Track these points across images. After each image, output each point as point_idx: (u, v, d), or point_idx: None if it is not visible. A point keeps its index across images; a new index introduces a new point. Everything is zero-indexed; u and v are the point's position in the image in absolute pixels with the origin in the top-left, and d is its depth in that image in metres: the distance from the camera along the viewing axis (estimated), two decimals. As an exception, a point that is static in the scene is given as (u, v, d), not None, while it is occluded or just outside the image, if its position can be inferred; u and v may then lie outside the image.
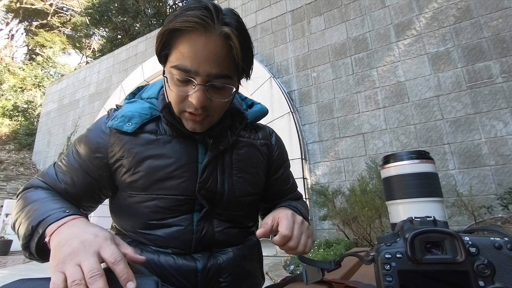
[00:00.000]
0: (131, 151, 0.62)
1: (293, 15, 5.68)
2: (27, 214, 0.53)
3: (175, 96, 0.57)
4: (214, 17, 0.52)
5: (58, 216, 0.49)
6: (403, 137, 4.17)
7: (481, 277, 0.31)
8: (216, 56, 0.54)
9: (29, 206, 0.55)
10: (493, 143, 3.59)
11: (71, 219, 0.49)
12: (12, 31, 20.57)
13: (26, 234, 0.49)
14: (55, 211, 0.51)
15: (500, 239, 0.32)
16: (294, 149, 4.70)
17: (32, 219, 0.50)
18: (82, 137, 0.67)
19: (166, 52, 0.57)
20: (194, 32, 0.53)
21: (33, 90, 16.15)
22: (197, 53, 0.53)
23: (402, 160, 0.44)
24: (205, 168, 0.63)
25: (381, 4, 4.78)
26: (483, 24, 3.95)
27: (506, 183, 3.37)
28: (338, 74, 4.93)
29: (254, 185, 0.71)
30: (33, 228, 0.49)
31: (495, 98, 3.69)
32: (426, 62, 4.22)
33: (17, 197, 0.63)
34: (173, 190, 0.62)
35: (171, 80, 0.57)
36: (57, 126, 9.58)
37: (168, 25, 0.54)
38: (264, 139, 0.75)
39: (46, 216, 0.49)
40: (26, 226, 0.50)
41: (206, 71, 0.54)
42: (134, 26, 13.22)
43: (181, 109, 0.58)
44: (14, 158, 9.84)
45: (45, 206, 0.53)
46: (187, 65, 0.54)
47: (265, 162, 0.74)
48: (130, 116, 0.63)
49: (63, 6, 19.68)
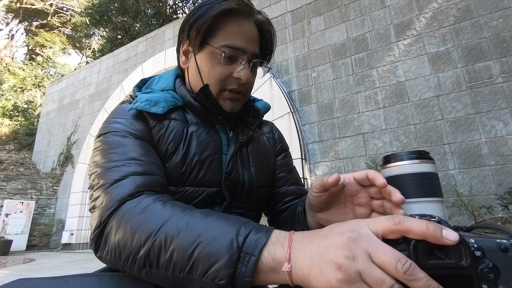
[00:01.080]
0: (165, 137, 0.59)
1: (293, 15, 5.68)
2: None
3: (220, 75, 0.61)
4: (251, 5, 0.61)
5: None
6: (403, 137, 4.17)
7: (485, 280, 0.29)
8: (256, 38, 0.63)
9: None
10: (493, 143, 3.59)
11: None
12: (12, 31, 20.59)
13: (233, 260, 0.34)
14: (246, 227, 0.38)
15: (507, 241, 0.30)
16: (294, 149, 4.70)
17: (228, 238, 0.36)
18: (115, 128, 0.56)
19: (207, 37, 0.60)
20: (240, 15, 0.60)
21: (33, 90, 16.15)
22: (245, 33, 0.60)
23: (402, 160, 0.44)
24: (230, 158, 0.64)
25: (381, 4, 4.78)
26: (483, 24, 3.95)
27: (506, 183, 3.37)
28: (338, 74, 4.93)
29: (267, 176, 0.73)
30: (239, 249, 0.35)
31: (495, 98, 3.69)
32: (426, 62, 4.22)
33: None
34: (200, 182, 0.60)
35: (215, 60, 0.60)
36: (57, 126, 9.58)
37: (209, 12, 0.58)
38: (269, 132, 0.80)
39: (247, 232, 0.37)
40: (218, 247, 0.36)
41: (251, 50, 0.61)
42: (134, 26, 13.21)
43: (222, 87, 0.62)
44: (14, 158, 9.84)
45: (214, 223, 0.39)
46: (237, 43, 0.59)
47: (273, 154, 0.78)
48: (155, 101, 0.60)
49: (63, 6, 19.69)
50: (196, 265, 0.36)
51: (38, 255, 6.62)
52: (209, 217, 0.40)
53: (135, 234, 0.39)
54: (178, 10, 14.22)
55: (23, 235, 7.32)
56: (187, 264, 0.36)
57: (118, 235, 0.41)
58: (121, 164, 0.49)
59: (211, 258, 0.35)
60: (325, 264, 0.30)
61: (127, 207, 0.43)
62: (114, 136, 0.54)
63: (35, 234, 7.68)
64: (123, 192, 0.45)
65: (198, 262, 0.36)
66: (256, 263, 0.34)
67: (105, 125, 0.58)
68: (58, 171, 8.75)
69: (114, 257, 0.41)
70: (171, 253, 0.37)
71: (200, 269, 0.35)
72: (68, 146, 8.78)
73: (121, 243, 0.40)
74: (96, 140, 0.57)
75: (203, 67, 0.62)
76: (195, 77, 0.64)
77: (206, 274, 0.35)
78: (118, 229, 0.41)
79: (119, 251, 0.40)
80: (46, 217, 8.18)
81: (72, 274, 0.48)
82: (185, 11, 14.17)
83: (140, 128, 0.57)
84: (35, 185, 8.25)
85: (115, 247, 0.41)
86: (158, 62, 7.46)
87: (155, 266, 0.38)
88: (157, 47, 7.86)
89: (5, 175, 7.91)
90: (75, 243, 7.36)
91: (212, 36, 0.60)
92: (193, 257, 0.36)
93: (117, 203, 0.44)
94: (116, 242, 0.41)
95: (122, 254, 0.40)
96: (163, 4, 13.32)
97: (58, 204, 8.45)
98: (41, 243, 7.90)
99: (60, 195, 8.50)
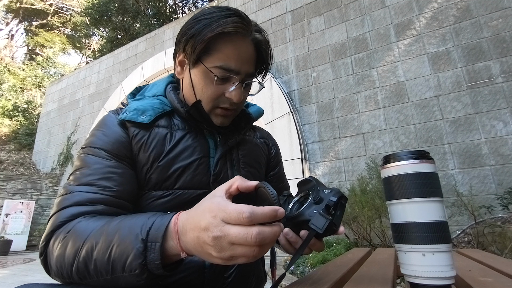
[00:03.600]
0: (147, 145, 0.61)
1: (293, 15, 5.68)
2: (110, 238, 0.43)
3: (212, 94, 0.62)
4: (249, 24, 0.61)
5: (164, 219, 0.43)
6: (403, 137, 4.17)
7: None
8: (251, 58, 0.63)
9: (102, 234, 0.45)
10: (493, 143, 3.59)
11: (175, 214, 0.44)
12: (12, 31, 20.59)
13: (140, 251, 0.41)
14: (153, 218, 0.44)
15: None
16: (294, 149, 4.70)
17: (133, 235, 0.42)
18: (92, 142, 0.60)
19: (202, 55, 0.61)
20: (237, 36, 0.60)
21: (33, 90, 16.14)
22: (240, 55, 0.61)
23: (402, 160, 0.44)
24: (217, 161, 0.66)
25: (381, 4, 4.78)
26: (483, 24, 3.95)
27: (506, 183, 3.37)
28: (338, 74, 4.93)
29: (258, 179, 0.73)
30: (144, 241, 0.41)
31: (495, 98, 3.69)
32: (426, 62, 4.22)
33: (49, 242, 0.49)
34: (188, 184, 0.62)
35: (208, 79, 0.61)
36: (57, 126, 9.58)
37: (206, 30, 0.58)
38: (263, 138, 0.83)
39: (150, 224, 0.42)
40: (126, 245, 0.41)
41: (245, 71, 0.62)
42: (134, 26, 13.21)
43: (215, 105, 0.64)
44: (14, 158, 9.84)
45: (130, 222, 0.45)
46: (231, 65, 0.60)
47: (265, 159, 0.81)
48: (143, 110, 0.63)
49: (63, 6, 19.68)
50: (115, 266, 0.42)
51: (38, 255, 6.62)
52: (123, 221, 0.45)
53: (64, 255, 0.45)
54: (178, 10, 14.22)
55: (23, 235, 7.32)
56: (109, 267, 0.42)
57: (54, 258, 0.47)
58: (73, 191, 0.54)
59: (123, 255, 0.41)
60: (206, 255, 0.38)
61: (58, 233, 0.49)
62: (84, 154, 0.59)
63: (35, 234, 7.68)
64: (56, 223, 0.50)
65: (115, 262, 0.42)
66: (162, 247, 0.40)
67: (88, 136, 0.63)
68: (58, 171, 8.76)
69: (58, 274, 0.47)
70: (94, 262, 0.43)
71: (119, 267, 0.42)
72: (68, 146, 8.79)
73: (58, 264, 0.46)
74: (79, 150, 0.62)
75: (196, 83, 0.63)
76: (189, 90, 0.66)
77: (124, 269, 0.41)
78: (53, 253, 0.47)
79: (58, 271, 0.47)
80: (46, 217, 8.18)
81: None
82: (185, 11, 14.17)
83: (118, 141, 0.60)
84: (35, 185, 8.25)
85: (55, 267, 0.47)
86: (158, 62, 7.45)
87: (88, 276, 0.44)
88: (157, 47, 7.86)
89: (5, 175, 7.91)
90: (75, 243, 7.35)
91: (207, 55, 0.60)
92: (110, 260, 0.42)
93: (48, 236, 0.50)
94: (54, 263, 0.47)
95: (60, 273, 0.47)
96: (163, 4, 13.31)
97: (58, 204, 8.44)
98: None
99: (60, 195, 8.50)
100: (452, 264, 0.40)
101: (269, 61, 0.68)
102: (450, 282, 0.39)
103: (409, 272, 0.41)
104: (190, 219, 0.40)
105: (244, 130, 0.74)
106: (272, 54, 0.68)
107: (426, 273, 0.39)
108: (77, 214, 0.51)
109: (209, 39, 0.58)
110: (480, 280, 0.52)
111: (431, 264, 0.39)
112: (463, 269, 0.62)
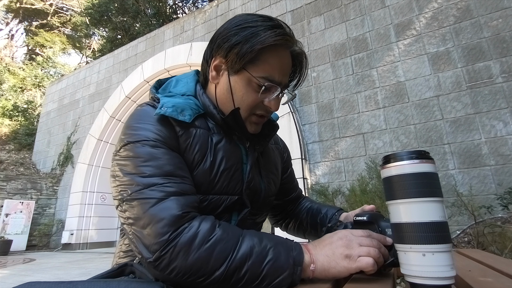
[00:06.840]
0: (192, 146, 0.59)
1: (293, 15, 5.68)
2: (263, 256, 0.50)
3: (253, 101, 0.63)
4: (293, 37, 0.62)
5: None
6: (403, 137, 4.17)
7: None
8: (290, 69, 0.65)
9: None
10: (493, 143, 3.59)
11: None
12: (12, 31, 20.58)
13: (289, 272, 0.49)
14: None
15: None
16: (294, 149, 4.70)
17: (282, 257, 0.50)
18: (146, 136, 0.56)
19: (247, 63, 0.59)
20: (282, 47, 0.60)
21: (33, 90, 16.14)
22: (283, 66, 0.62)
23: (402, 160, 0.44)
24: (251, 168, 0.67)
25: (381, 4, 4.78)
26: (483, 24, 3.95)
27: (506, 183, 3.37)
28: (338, 74, 4.93)
29: (276, 185, 0.79)
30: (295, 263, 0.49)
31: (495, 98, 3.69)
32: (426, 62, 4.22)
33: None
34: (224, 190, 0.62)
35: (251, 87, 0.61)
36: (57, 126, 9.58)
37: (254, 40, 0.57)
38: (276, 143, 0.87)
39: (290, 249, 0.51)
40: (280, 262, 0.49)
41: (285, 82, 0.64)
42: (134, 26, 13.21)
43: (252, 112, 0.64)
44: (14, 158, 9.84)
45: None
46: (275, 77, 0.61)
47: (281, 164, 0.84)
48: (182, 108, 0.60)
49: (63, 6, 19.68)
50: (264, 279, 0.48)
51: (38, 255, 6.62)
52: (263, 239, 0.51)
53: (210, 260, 0.47)
54: (178, 10, 14.21)
55: (23, 235, 7.32)
56: (258, 279, 0.48)
57: (190, 260, 0.47)
58: (160, 183, 0.51)
59: (277, 273, 0.48)
60: (337, 258, 0.50)
61: (188, 234, 0.48)
62: (145, 147, 0.54)
63: (35, 234, 7.68)
64: (172, 214, 0.49)
65: (266, 276, 0.48)
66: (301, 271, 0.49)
67: (131, 131, 0.57)
68: (58, 171, 8.75)
69: (183, 276, 0.48)
70: (245, 272, 0.48)
71: (267, 281, 0.48)
72: (68, 146, 8.78)
73: (195, 267, 0.47)
74: (124, 147, 0.56)
75: (236, 90, 0.62)
76: (226, 97, 0.64)
77: (271, 284, 0.48)
78: (188, 255, 0.47)
79: (190, 272, 0.47)
80: (46, 217, 8.19)
81: (78, 280, 0.50)
82: (185, 11, 14.17)
83: (170, 136, 0.57)
84: (35, 185, 8.25)
85: (186, 269, 0.47)
86: (158, 62, 7.45)
87: (227, 281, 0.48)
88: (157, 47, 7.85)
89: (5, 175, 7.91)
90: (75, 243, 7.35)
91: (253, 64, 0.59)
92: (263, 273, 0.48)
93: (171, 228, 0.48)
94: (189, 265, 0.47)
95: (195, 274, 0.48)
96: (163, 4, 13.31)
97: (58, 204, 8.45)
98: (41, 243, 7.90)
99: (60, 195, 8.50)
100: (452, 264, 0.40)
101: (304, 73, 0.69)
102: (450, 282, 0.39)
103: (409, 272, 0.41)
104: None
105: (270, 137, 0.74)
106: (307, 66, 0.69)
107: (426, 273, 0.39)
108: (184, 207, 0.50)
109: (260, 50, 0.57)
110: (480, 280, 0.52)
111: (431, 264, 0.39)
112: (463, 269, 0.62)
